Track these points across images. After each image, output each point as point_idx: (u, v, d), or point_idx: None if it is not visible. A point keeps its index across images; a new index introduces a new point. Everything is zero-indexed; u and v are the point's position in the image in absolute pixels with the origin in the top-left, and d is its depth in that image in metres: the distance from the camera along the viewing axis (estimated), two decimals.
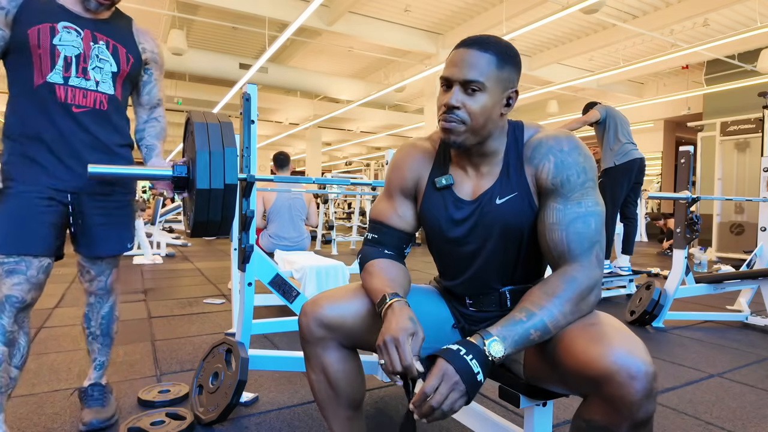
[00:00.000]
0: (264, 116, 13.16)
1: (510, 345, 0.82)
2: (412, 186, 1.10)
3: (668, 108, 10.14)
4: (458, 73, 0.93)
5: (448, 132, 0.95)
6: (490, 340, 0.81)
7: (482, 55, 0.92)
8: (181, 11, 7.20)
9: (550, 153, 0.96)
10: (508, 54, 0.95)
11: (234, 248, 2.32)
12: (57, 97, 1.29)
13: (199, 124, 1.22)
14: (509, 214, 0.99)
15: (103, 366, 1.57)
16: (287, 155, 3.50)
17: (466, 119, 0.94)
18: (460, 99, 0.93)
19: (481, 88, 0.92)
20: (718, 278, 2.96)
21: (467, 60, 0.92)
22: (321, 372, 1.03)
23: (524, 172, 0.99)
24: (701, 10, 6.27)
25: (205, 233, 1.28)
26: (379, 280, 1.00)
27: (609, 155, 3.68)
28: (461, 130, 0.95)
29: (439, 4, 7.01)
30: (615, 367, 0.75)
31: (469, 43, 0.94)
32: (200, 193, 1.18)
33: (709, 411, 1.71)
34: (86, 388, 1.53)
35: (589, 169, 0.94)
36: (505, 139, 1.02)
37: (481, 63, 0.92)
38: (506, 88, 0.96)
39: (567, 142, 0.96)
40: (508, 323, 0.84)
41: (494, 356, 0.81)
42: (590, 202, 0.93)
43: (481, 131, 0.96)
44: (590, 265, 0.90)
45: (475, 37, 0.95)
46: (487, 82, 0.92)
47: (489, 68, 0.92)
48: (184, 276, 4.60)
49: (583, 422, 0.83)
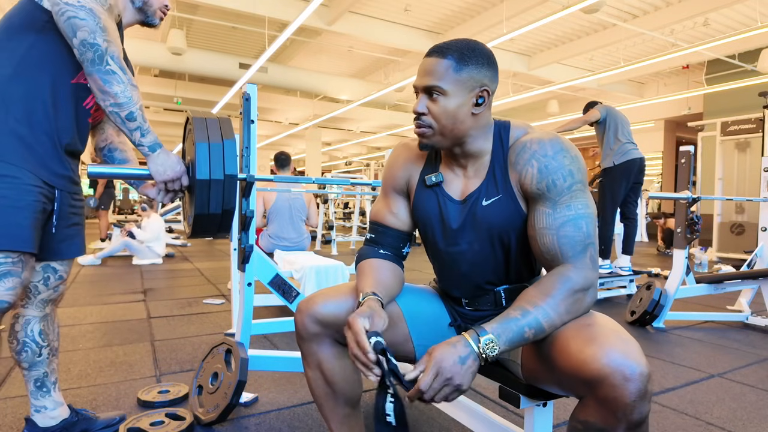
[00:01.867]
0: (264, 116, 13.16)
1: (504, 342, 0.83)
2: (404, 184, 1.12)
3: (669, 108, 10.14)
4: (420, 81, 0.97)
5: (420, 136, 1.00)
6: (485, 337, 0.82)
7: (440, 62, 0.95)
8: (180, 11, 7.19)
9: (533, 158, 0.95)
10: (468, 55, 0.95)
11: (234, 248, 2.32)
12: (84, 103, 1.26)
13: (198, 119, 1.23)
14: (495, 216, 1.00)
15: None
16: (288, 155, 3.49)
17: (432, 123, 0.97)
18: (425, 105, 0.97)
19: (441, 92, 0.95)
20: (718, 278, 2.96)
21: (427, 67, 0.96)
22: (317, 368, 1.06)
23: (509, 175, 0.99)
24: (701, 9, 6.26)
25: (205, 229, 1.27)
26: (366, 279, 1.03)
27: (609, 155, 3.68)
28: (430, 133, 0.99)
29: (439, 4, 7.01)
30: (609, 368, 0.75)
31: (431, 51, 0.97)
32: (200, 185, 1.18)
33: (709, 411, 1.70)
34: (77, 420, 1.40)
35: (576, 172, 0.93)
36: (491, 139, 1.02)
37: (439, 68, 0.95)
38: (472, 87, 0.95)
39: (551, 145, 0.94)
40: (503, 320, 0.85)
41: (488, 353, 0.82)
42: (580, 204, 0.93)
43: (450, 133, 0.98)
44: (584, 267, 0.90)
45: (439, 44, 0.98)
46: (445, 85, 0.94)
47: (447, 73, 0.95)
48: (184, 276, 4.60)
49: (578, 423, 0.83)
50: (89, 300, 3.40)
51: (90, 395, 1.76)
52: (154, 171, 1.21)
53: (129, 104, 1.13)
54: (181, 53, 7.50)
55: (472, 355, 0.81)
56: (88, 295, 3.59)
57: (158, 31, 8.25)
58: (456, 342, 0.83)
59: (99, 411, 1.55)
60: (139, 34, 8.36)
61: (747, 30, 5.84)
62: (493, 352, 0.82)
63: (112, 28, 1.15)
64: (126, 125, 1.15)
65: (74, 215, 1.33)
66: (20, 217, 1.12)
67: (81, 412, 1.43)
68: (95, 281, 4.19)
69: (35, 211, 1.15)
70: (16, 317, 1.31)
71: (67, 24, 1.08)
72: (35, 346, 1.31)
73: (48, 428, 1.34)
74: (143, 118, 1.17)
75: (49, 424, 1.34)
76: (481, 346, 0.82)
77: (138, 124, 1.16)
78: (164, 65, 8.28)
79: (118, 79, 1.12)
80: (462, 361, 0.80)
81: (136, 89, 1.17)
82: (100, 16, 1.10)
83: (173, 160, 1.22)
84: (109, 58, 1.11)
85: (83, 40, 1.09)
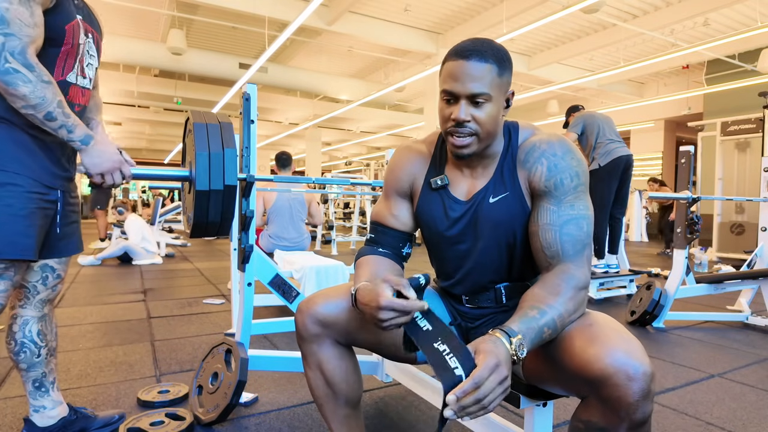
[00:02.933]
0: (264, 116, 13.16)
1: (529, 342, 0.80)
2: (408, 187, 1.12)
3: (669, 108, 10.14)
4: (463, 88, 0.92)
5: (461, 146, 0.96)
6: (515, 338, 0.78)
7: (484, 66, 0.91)
8: (180, 11, 7.20)
9: (543, 157, 0.97)
10: (505, 59, 0.95)
11: (234, 248, 2.31)
12: (69, 97, 1.21)
13: (198, 125, 1.22)
14: (501, 213, 1.00)
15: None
16: (289, 155, 3.49)
17: (477, 130, 0.95)
18: (468, 112, 0.93)
19: (487, 99, 0.92)
20: (718, 278, 2.96)
21: (470, 73, 0.91)
22: (317, 369, 1.05)
23: (517, 174, 1.01)
24: (701, 9, 6.27)
25: (205, 234, 1.28)
26: (361, 272, 1.03)
27: (594, 158, 3.67)
28: (473, 141, 0.96)
29: (439, 4, 7.01)
30: (613, 368, 0.75)
31: (467, 54, 0.91)
32: (200, 195, 1.18)
33: (709, 411, 1.70)
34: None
35: (581, 173, 0.96)
36: (502, 140, 1.03)
37: (484, 74, 0.91)
38: (506, 91, 0.97)
39: (560, 146, 0.97)
40: (525, 320, 0.82)
41: (519, 354, 0.77)
42: (582, 205, 0.95)
43: (489, 138, 0.98)
44: (583, 265, 0.93)
45: (471, 46, 0.92)
46: (492, 91, 0.92)
47: (491, 77, 0.92)
48: (184, 276, 4.60)
49: (580, 423, 0.83)
50: (89, 300, 3.40)
51: (90, 395, 1.76)
52: (89, 164, 1.14)
53: (44, 104, 1.03)
54: (181, 53, 7.50)
55: (508, 355, 0.76)
56: (88, 295, 3.59)
57: (158, 31, 8.25)
58: (496, 343, 0.76)
59: (99, 411, 1.55)
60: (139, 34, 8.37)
61: (747, 30, 5.84)
62: (522, 353, 0.77)
63: (21, 17, 1.00)
64: (47, 126, 1.06)
65: (72, 213, 1.32)
66: (23, 225, 1.11)
67: (80, 410, 1.42)
68: (95, 281, 4.19)
69: (38, 217, 1.15)
70: (14, 318, 1.30)
71: None
72: (33, 346, 1.30)
73: (46, 428, 1.33)
74: (65, 114, 1.07)
75: (48, 424, 1.34)
76: (513, 347, 0.77)
77: (61, 122, 1.07)
78: (164, 65, 8.28)
79: (23, 78, 0.99)
80: (506, 362, 0.75)
81: (51, 84, 1.04)
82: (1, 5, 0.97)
83: (110, 150, 1.16)
84: (8, 54, 0.97)
85: None
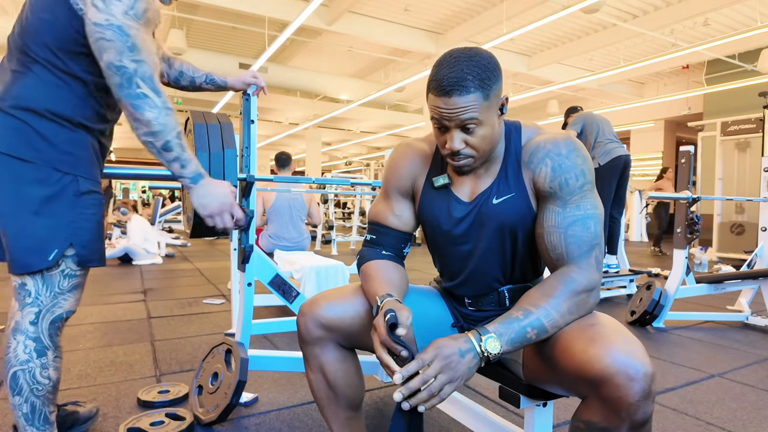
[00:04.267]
0: (264, 116, 13.16)
1: (506, 342, 0.83)
2: (409, 186, 1.10)
3: (669, 108, 10.14)
4: (450, 121, 0.91)
5: (461, 167, 0.98)
6: (486, 336, 0.82)
7: (467, 98, 0.88)
8: (180, 11, 7.20)
9: (547, 157, 0.95)
10: (490, 77, 0.89)
11: (234, 248, 2.32)
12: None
13: (198, 125, 1.22)
14: (505, 214, 0.99)
15: None
16: (289, 155, 3.49)
17: (473, 153, 0.95)
18: (462, 139, 0.93)
19: (478, 123, 0.91)
20: (718, 278, 2.96)
21: (455, 107, 0.89)
22: (319, 372, 1.04)
23: (522, 174, 0.99)
24: (701, 9, 6.27)
25: (205, 234, 1.28)
26: (376, 282, 1.00)
27: (594, 157, 3.69)
28: (471, 162, 0.97)
29: (439, 4, 7.01)
30: (613, 368, 0.75)
31: (448, 90, 0.88)
32: None
33: (709, 411, 1.70)
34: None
35: (587, 172, 0.94)
36: (503, 142, 1.02)
37: (469, 104, 0.88)
38: (497, 102, 0.93)
39: (565, 145, 0.95)
40: (505, 321, 0.85)
41: (490, 352, 0.82)
42: (589, 205, 0.93)
43: (487, 154, 0.97)
44: (589, 268, 0.90)
45: (452, 80, 0.87)
46: (481, 115, 0.89)
47: (478, 104, 0.88)
48: (184, 276, 4.60)
49: (581, 423, 0.83)
50: (89, 300, 3.40)
51: (90, 395, 1.75)
52: (198, 204, 1.10)
53: (164, 132, 1.02)
54: (181, 53, 7.49)
55: (472, 351, 0.81)
56: (88, 295, 3.59)
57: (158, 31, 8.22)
58: (458, 337, 0.83)
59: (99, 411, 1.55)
60: None
61: (747, 30, 5.85)
62: (495, 351, 0.82)
63: (147, 45, 1.03)
64: (163, 156, 1.04)
65: None
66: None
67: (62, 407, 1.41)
68: (95, 281, 4.19)
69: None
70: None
71: (96, 47, 0.99)
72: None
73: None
74: (182, 147, 1.05)
75: None
76: (482, 344, 0.82)
77: (176, 154, 1.04)
78: None
79: (151, 103, 1.00)
80: (461, 354, 0.81)
81: (172, 112, 1.04)
82: (129, 34, 0.99)
83: (221, 192, 1.10)
84: (139, 79, 0.99)
85: (109, 63, 0.98)
